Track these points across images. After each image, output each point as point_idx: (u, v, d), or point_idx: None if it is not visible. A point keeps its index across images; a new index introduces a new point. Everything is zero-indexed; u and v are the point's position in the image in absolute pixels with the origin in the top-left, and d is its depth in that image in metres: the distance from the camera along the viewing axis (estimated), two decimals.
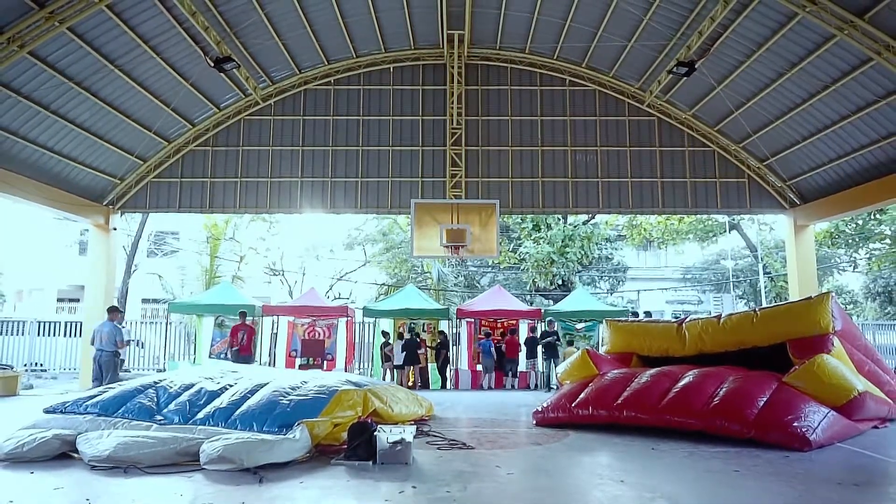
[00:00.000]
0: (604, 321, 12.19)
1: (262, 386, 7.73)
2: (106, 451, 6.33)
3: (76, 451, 6.64)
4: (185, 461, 6.38)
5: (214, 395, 7.62)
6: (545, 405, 9.85)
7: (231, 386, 7.88)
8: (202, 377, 8.33)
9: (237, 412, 7.11)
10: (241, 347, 14.35)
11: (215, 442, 6.31)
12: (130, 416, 7.26)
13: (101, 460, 6.27)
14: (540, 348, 16.55)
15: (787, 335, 9.01)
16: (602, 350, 11.36)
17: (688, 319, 10.49)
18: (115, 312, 11.94)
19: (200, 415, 7.17)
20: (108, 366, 11.25)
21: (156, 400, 7.59)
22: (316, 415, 7.06)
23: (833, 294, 9.49)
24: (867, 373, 9.20)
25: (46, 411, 7.61)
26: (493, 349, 16.67)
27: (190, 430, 6.89)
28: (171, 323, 19.88)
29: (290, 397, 7.31)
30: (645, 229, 30.01)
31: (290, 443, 6.52)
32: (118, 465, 6.19)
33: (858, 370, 8.92)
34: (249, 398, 7.38)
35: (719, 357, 9.50)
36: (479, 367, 16.89)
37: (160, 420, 7.17)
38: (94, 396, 7.76)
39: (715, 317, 10.21)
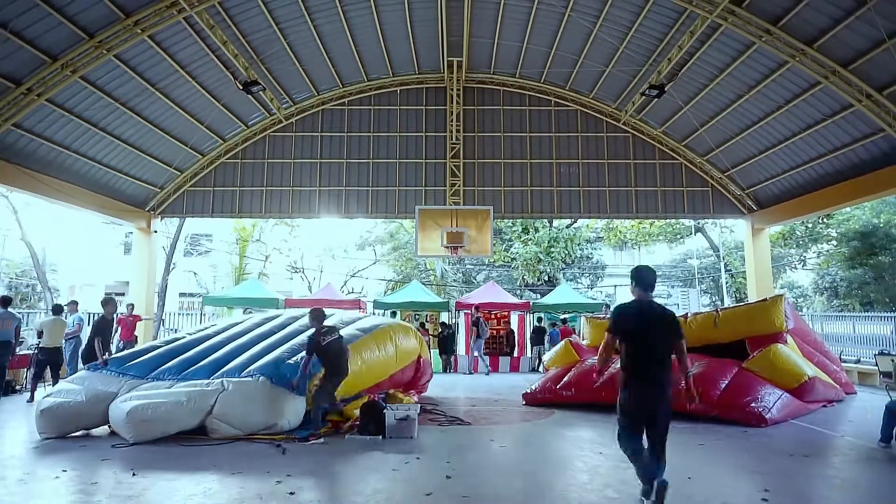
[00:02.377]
0: (583, 318, 12.05)
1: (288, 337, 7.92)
2: (122, 418, 6.23)
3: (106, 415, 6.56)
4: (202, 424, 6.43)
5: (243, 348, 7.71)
6: (534, 387, 9.84)
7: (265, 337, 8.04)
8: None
9: (252, 366, 7.06)
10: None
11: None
12: (163, 377, 7.14)
13: (120, 426, 6.23)
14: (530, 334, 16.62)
15: (746, 333, 8.93)
16: (584, 342, 11.29)
17: None
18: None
19: (222, 370, 7.14)
20: None
21: (186, 360, 7.51)
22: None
23: (786, 296, 9.43)
24: (816, 363, 9.20)
25: (88, 367, 7.48)
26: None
27: (205, 384, 6.76)
28: (205, 314, 19.83)
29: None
30: (620, 232, 30.00)
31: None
32: (137, 433, 6.11)
33: (808, 361, 8.92)
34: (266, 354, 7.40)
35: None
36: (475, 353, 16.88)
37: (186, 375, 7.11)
38: (134, 358, 7.59)
39: (682, 315, 10.12)
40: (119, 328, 12.78)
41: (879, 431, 6.38)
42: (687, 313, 10.17)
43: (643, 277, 4.33)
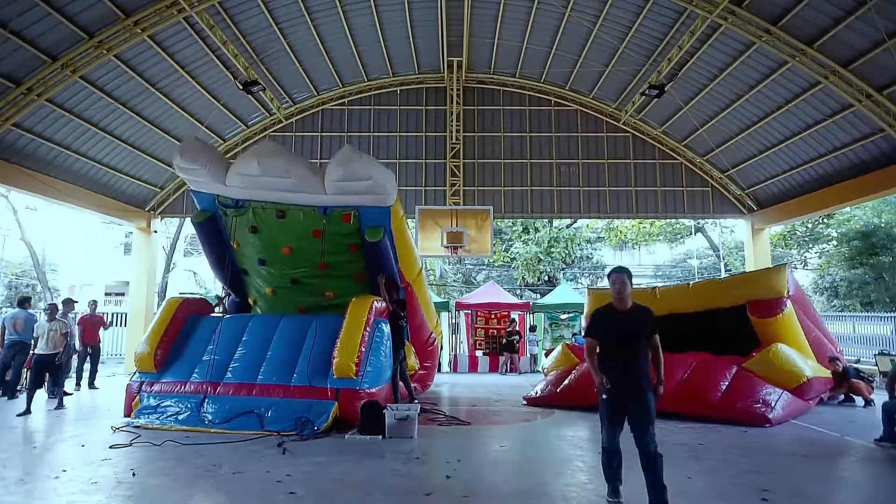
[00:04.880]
0: (586, 289, 12.10)
1: None
2: None
3: None
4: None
5: None
6: (536, 392, 9.81)
7: None
8: None
9: None
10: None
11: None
12: None
13: None
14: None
15: (747, 297, 8.90)
16: (582, 317, 11.36)
17: (658, 288, 10.51)
18: None
19: None
20: None
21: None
22: None
23: (789, 264, 9.46)
24: (813, 339, 9.18)
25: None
26: None
27: None
28: None
29: None
30: (621, 232, 30.00)
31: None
32: None
33: (806, 335, 8.90)
34: None
35: (688, 317, 9.40)
36: (478, 353, 16.92)
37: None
38: None
39: (685, 283, 10.29)
40: (82, 330, 11.35)
41: (881, 431, 6.39)
42: (689, 282, 10.23)
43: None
